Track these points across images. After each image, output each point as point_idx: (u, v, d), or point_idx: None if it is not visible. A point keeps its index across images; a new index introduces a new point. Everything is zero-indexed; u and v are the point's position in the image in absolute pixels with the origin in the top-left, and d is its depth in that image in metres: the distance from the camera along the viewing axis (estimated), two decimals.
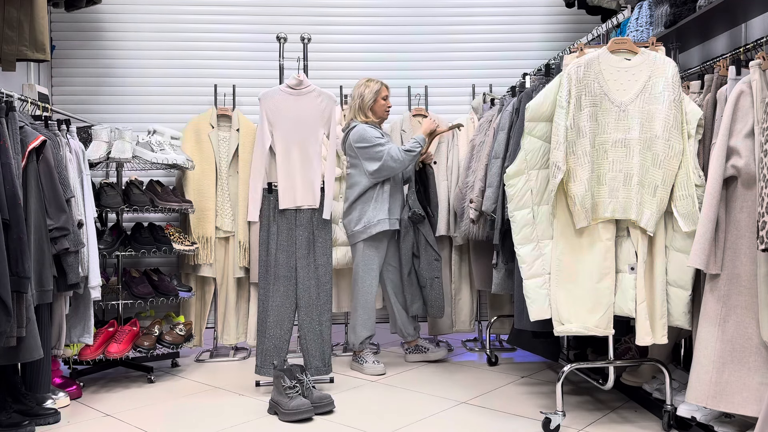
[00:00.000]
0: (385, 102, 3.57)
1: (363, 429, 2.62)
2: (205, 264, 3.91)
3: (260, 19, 4.41)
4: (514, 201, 2.53)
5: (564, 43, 4.44)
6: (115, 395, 3.16)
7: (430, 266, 3.61)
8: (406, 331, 3.72)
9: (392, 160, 3.40)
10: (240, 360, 3.86)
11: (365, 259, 3.53)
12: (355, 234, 3.53)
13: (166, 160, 3.55)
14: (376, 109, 3.55)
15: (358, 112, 3.55)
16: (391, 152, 3.40)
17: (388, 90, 3.61)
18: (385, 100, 3.57)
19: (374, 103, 3.54)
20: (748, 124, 2.15)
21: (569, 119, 2.41)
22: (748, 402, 2.12)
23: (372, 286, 3.55)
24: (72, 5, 3.72)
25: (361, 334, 3.56)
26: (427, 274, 3.61)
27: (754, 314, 2.14)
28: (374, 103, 3.54)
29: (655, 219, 2.39)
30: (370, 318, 3.57)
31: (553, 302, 2.47)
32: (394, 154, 3.40)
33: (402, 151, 3.43)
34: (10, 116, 2.58)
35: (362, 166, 3.48)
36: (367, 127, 3.49)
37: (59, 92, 4.29)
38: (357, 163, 3.51)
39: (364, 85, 3.56)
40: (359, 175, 3.51)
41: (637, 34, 3.10)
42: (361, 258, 3.54)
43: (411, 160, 3.45)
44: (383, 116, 3.60)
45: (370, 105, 3.53)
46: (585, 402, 2.91)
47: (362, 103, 3.53)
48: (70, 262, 2.77)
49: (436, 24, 4.51)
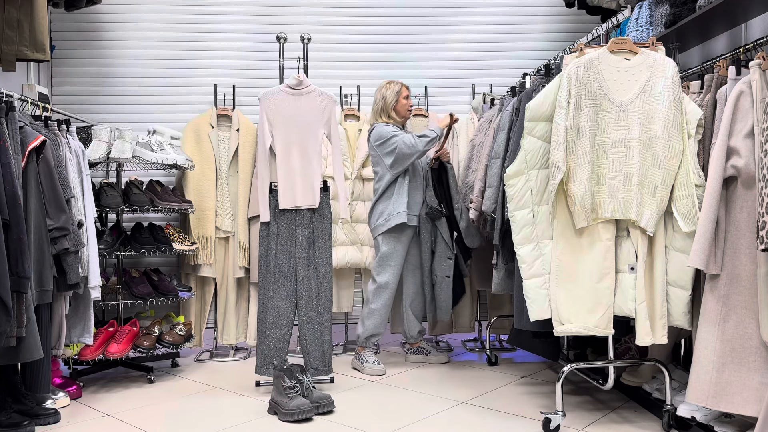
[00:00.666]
0: (406, 101, 3.63)
1: (363, 429, 2.62)
2: (205, 264, 3.91)
3: (260, 19, 4.41)
4: (514, 201, 2.53)
5: (564, 43, 4.44)
6: (115, 395, 3.16)
7: (442, 264, 3.61)
8: (410, 333, 3.73)
9: (405, 146, 3.43)
10: (240, 360, 3.86)
11: (383, 255, 3.54)
12: (376, 227, 3.56)
13: (166, 160, 3.56)
14: (398, 109, 3.61)
15: (381, 114, 3.61)
16: (404, 139, 3.45)
17: (408, 89, 3.66)
18: (406, 99, 3.63)
19: (396, 103, 3.60)
20: (748, 124, 2.15)
21: (569, 119, 2.41)
22: (748, 402, 2.12)
23: (389, 283, 3.55)
24: (72, 5, 3.72)
25: (368, 331, 3.57)
26: (439, 272, 3.62)
27: (754, 314, 2.14)
28: (396, 103, 3.60)
29: (655, 219, 2.39)
30: (381, 316, 3.57)
31: (553, 302, 2.47)
32: (407, 140, 3.44)
33: (415, 137, 3.47)
34: (10, 116, 2.58)
35: (382, 162, 3.53)
36: (383, 125, 3.55)
37: (59, 92, 4.29)
38: (378, 161, 3.56)
39: (384, 88, 3.63)
40: (382, 173, 3.56)
41: (637, 34, 3.10)
42: (379, 252, 3.56)
43: (424, 145, 3.46)
44: (406, 115, 3.65)
45: (392, 105, 3.59)
46: (585, 402, 2.91)
47: (385, 105, 3.60)
48: (70, 262, 2.77)
49: (436, 24, 4.51)
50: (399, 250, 3.56)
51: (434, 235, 3.64)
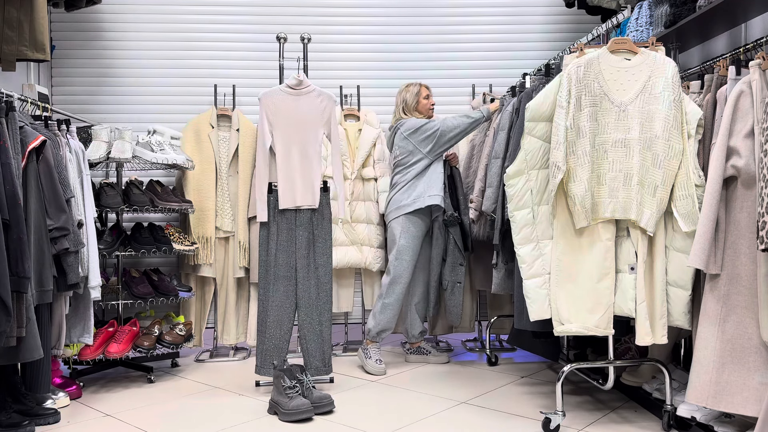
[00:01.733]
0: (427, 101, 3.64)
1: (363, 429, 2.62)
2: (205, 264, 3.91)
3: (260, 19, 4.41)
4: (514, 201, 2.53)
5: (564, 43, 4.44)
6: (115, 395, 3.16)
7: (454, 270, 3.63)
8: (412, 332, 3.73)
9: (448, 127, 3.45)
10: (240, 360, 3.86)
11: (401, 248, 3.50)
12: (400, 207, 3.51)
13: (166, 160, 3.55)
14: (420, 110, 3.63)
15: (403, 115, 3.63)
16: (446, 121, 3.48)
17: (428, 89, 3.67)
18: (426, 99, 3.64)
19: (417, 104, 3.62)
20: (748, 124, 2.15)
21: (569, 119, 2.41)
22: (748, 402, 2.12)
23: (402, 277, 3.52)
24: (72, 5, 3.72)
25: (380, 326, 3.56)
26: (450, 278, 3.63)
27: (754, 314, 2.14)
28: (417, 104, 3.62)
29: (655, 219, 2.39)
30: (394, 311, 3.54)
31: (553, 302, 2.47)
32: (449, 122, 3.47)
33: (459, 117, 3.49)
34: (10, 116, 2.58)
35: (417, 150, 3.51)
36: (413, 119, 3.57)
37: (59, 92, 4.29)
38: (411, 150, 3.52)
39: (404, 90, 3.66)
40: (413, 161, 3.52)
41: (637, 34, 3.10)
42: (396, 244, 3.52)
43: (470, 125, 3.47)
44: (429, 114, 3.65)
45: (414, 107, 3.62)
46: (585, 402, 2.91)
47: (406, 107, 3.63)
48: (70, 262, 2.77)
49: (435, 24, 4.51)
50: (416, 245, 3.54)
51: (447, 240, 3.65)
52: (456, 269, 3.63)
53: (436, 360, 3.70)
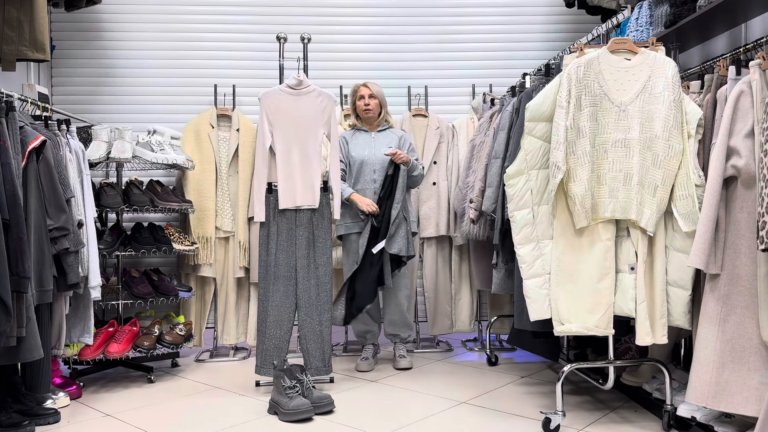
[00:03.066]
0: (360, 101, 3.60)
1: (363, 429, 2.62)
2: (205, 264, 3.91)
3: (260, 19, 4.41)
4: (514, 201, 2.53)
5: (564, 43, 4.44)
6: (115, 395, 3.16)
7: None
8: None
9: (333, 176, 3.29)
10: (240, 360, 3.86)
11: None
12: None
13: (166, 160, 3.55)
14: (357, 112, 3.63)
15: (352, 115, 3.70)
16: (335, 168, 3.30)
17: (368, 88, 3.58)
18: (360, 100, 3.60)
19: (354, 105, 3.64)
20: (748, 124, 2.15)
21: (569, 119, 2.41)
22: (748, 402, 2.12)
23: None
24: (72, 5, 3.72)
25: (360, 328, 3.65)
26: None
27: (754, 314, 2.14)
28: (354, 105, 3.64)
29: (655, 219, 2.39)
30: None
31: (553, 302, 2.47)
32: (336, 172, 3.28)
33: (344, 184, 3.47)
34: (10, 116, 2.58)
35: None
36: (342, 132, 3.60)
37: (59, 92, 4.29)
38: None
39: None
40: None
41: (637, 34, 3.10)
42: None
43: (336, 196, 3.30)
44: (364, 116, 3.61)
45: (351, 107, 3.66)
46: (585, 402, 2.91)
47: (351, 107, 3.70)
48: (70, 262, 2.77)
49: (435, 24, 4.51)
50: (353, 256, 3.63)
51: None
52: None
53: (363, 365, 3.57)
